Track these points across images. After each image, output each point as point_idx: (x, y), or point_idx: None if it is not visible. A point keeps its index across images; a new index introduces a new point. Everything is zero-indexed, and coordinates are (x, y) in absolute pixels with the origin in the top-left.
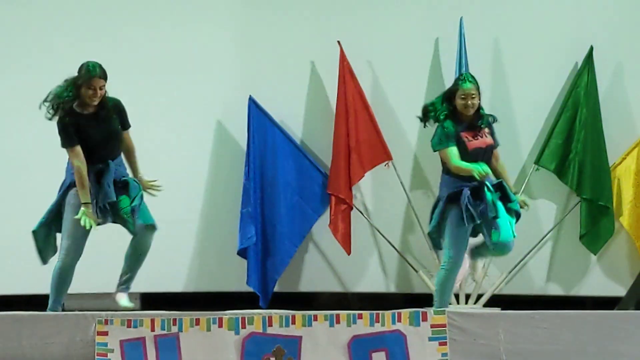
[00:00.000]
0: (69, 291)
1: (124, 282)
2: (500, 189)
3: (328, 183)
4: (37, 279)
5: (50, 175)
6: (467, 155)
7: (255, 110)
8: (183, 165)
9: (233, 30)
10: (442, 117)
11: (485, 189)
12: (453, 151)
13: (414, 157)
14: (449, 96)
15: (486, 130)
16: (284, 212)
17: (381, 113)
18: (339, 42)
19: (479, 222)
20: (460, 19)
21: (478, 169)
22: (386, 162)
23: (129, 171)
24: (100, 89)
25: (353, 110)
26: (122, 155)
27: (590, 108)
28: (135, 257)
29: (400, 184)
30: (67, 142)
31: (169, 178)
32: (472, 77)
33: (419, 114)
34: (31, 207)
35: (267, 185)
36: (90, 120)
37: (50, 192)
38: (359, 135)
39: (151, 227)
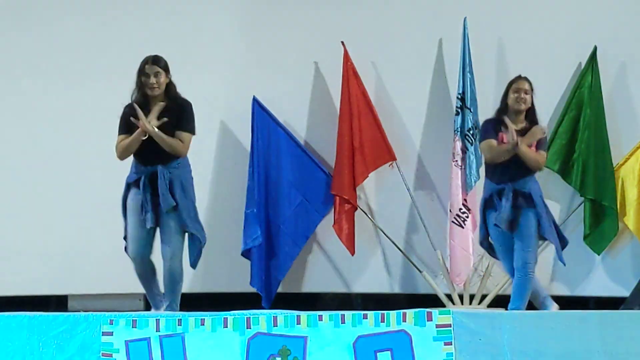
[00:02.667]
0: (74, 292)
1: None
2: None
3: (332, 183)
4: (43, 279)
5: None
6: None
7: (259, 111)
8: None
9: (236, 30)
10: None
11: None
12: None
13: (418, 157)
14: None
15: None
16: (288, 213)
17: (385, 113)
18: (342, 42)
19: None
20: (464, 20)
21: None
22: (390, 162)
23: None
24: (156, 75)
25: (357, 110)
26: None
27: (594, 108)
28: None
29: (404, 184)
30: (119, 129)
31: None
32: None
33: (423, 113)
34: (39, 209)
35: (270, 186)
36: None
37: (59, 194)
38: (362, 135)
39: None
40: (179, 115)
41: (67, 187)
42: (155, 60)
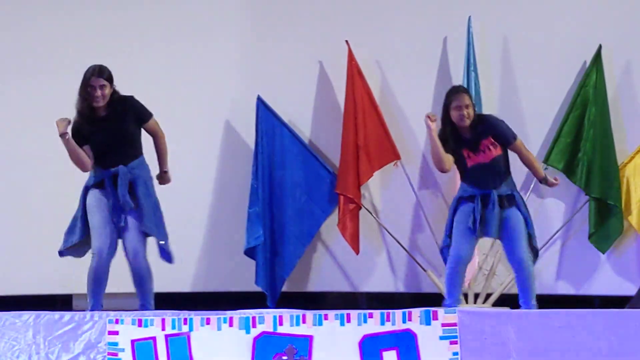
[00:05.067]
0: (79, 291)
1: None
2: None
3: (336, 182)
4: (49, 278)
5: (59, 178)
6: (466, 172)
7: (263, 110)
8: (191, 165)
9: (241, 30)
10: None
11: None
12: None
13: (423, 156)
14: (444, 114)
15: (489, 140)
16: (292, 212)
17: (389, 112)
18: (347, 41)
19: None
20: (469, 18)
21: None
22: (395, 161)
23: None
24: (102, 88)
25: (361, 109)
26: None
27: (599, 107)
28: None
29: (409, 183)
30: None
31: (178, 178)
32: (463, 86)
33: (427, 112)
34: (45, 207)
35: (275, 185)
36: (100, 123)
37: (60, 194)
38: (367, 134)
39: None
40: (135, 112)
41: (72, 186)
42: (100, 72)
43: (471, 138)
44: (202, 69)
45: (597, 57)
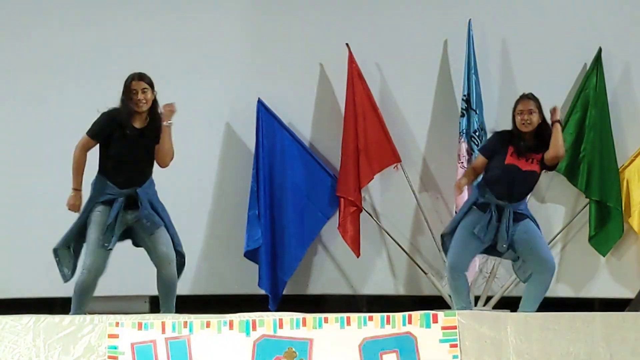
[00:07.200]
0: None
1: None
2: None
3: (337, 185)
4: (49, 281)
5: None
6: (494, 174)
7: (264, 113)
8: (192, 167)
9: (242, 33)
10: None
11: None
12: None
13: (423, 159)
14: (512, 119)
15: (539, 156)
16: (293, 215)
17: (390, 115)
18: (347, 44)
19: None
20: (469, 21)
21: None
22: (395, 164)
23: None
24: (144, 92)
25: (362, 112)
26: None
27: (599, 109)
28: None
29: (409, 186)
30: (91, 131)
31: (178, 180)
32: (532, 94)
33: (428, 115)
34: (45, 211)
35: (276, 188)
36: (134, 137)
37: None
38: (367, 137)
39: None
40: (159, 130)
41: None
42: (142, 77)
43: (530, 146)
44: (203, 72)
45: (597, 59)
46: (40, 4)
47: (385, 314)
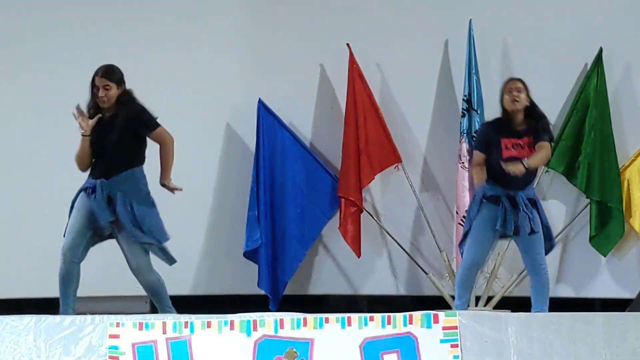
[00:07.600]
0: (80, 294)
1: None
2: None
3: (338, 185)
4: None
5: (60, 181)
6: (496, 167)
7: (264, 113)
8: (193, 168)
9: (242, 33)
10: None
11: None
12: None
13: (424, 159)
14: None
15: (529, 138)
16: (294, 215)
17: (390, 115)
18: (348, 44)
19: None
20: (470, 21)
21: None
22: (396, 164)
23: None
24: (106, 89)
25: (362, 112)
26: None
27: (600, 109)
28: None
29: (410, 186)
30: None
31: (179, 181)
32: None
33: (428, 115)
34: (45, 210)
35: (276, 188)
36: (101, 126)
37: (60, 197)
38: (368, 137)
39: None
40: (134, 124)
41: (73, 189)
42: (105, 72)
43: (520, 130)
44: (204, 72)
45: (598, 59)
46: (41, 6)
47: (386, 314)
